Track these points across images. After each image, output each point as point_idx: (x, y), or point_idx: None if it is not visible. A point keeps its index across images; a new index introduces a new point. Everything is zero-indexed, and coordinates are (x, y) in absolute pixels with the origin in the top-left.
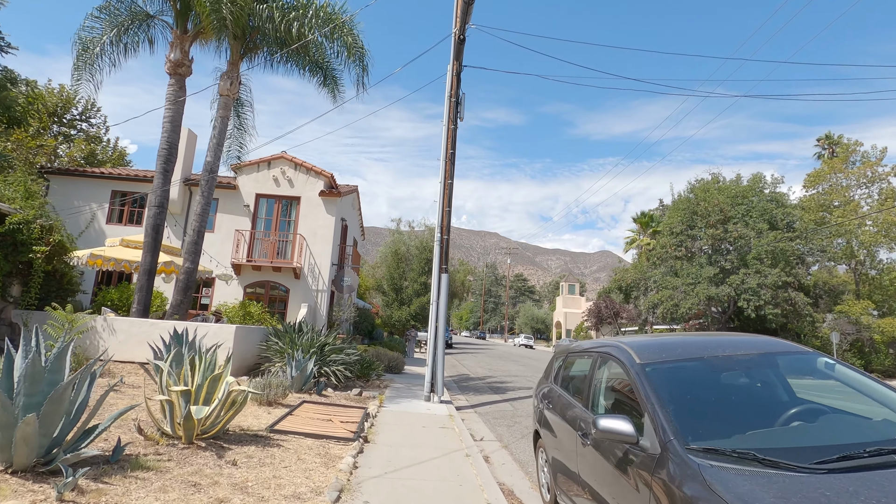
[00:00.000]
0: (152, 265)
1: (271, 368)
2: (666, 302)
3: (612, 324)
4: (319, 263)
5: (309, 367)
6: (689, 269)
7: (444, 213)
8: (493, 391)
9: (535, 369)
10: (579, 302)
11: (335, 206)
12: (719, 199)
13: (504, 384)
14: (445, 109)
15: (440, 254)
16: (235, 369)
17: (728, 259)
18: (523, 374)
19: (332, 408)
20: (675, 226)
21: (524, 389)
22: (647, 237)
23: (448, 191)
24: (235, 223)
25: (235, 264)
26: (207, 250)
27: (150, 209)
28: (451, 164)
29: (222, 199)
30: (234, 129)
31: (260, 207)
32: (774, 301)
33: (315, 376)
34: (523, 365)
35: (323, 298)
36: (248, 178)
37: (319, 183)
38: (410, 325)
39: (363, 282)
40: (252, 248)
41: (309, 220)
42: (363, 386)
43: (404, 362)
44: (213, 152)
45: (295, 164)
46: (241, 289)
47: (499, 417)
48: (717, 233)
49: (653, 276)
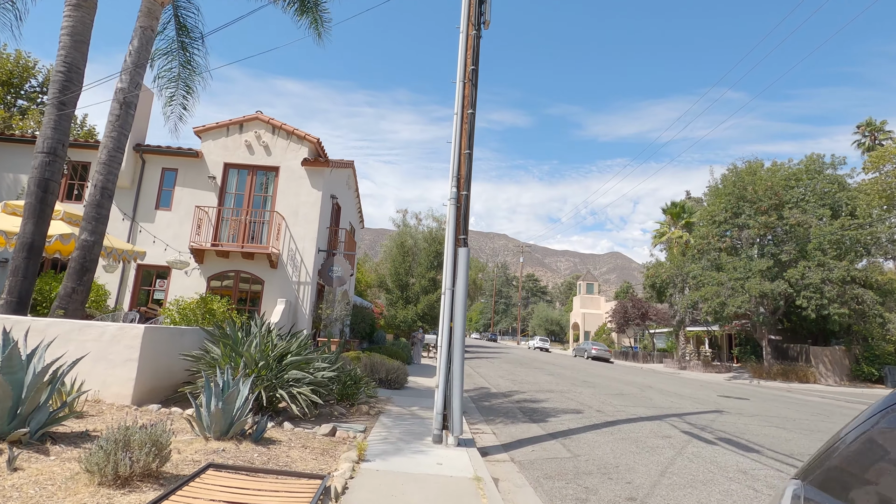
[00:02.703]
0: (36, 237)
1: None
2: (711, 300)
3: (640, 325)
4: (302, 249)
5: (243, 393)
6: (737, 262)
7: (461, 157)
8: (527, 416)
9: (567, 380)
10: (598, 302)
11: (322, 178)
12: (772, 182)
13: (538, 404)
14: (463, 7)
15: (457, 218)
16: (146, 392)
17: (785, 250)
18: (556, 387)
19: (262, 479)
20: (717, 214)
21: (569, 414)
22: (679, 229)
23: (468, 125)
24: (198, 199)
25: (196, 249)
26: (162, 232)
27: (35, 158)
28: (472, 87)
29: (182, 169)
30: (179, 72)
31: (229, 180)
32: (841, 299)
33: (262, 406)
34: (551, 374)
35: (306, 293)
36: (215, 145)
37: (303, 150)
38: (417, 325)
39: (363, 278)
40: (218, 230)
41: (289, 195)
42: (343, 415)
43: (407, 374)
44: (128, 75)
45: (273, 126)
46: (204, 280)
47: (555, 474)
48: (771, 220)
49: (691, 270)
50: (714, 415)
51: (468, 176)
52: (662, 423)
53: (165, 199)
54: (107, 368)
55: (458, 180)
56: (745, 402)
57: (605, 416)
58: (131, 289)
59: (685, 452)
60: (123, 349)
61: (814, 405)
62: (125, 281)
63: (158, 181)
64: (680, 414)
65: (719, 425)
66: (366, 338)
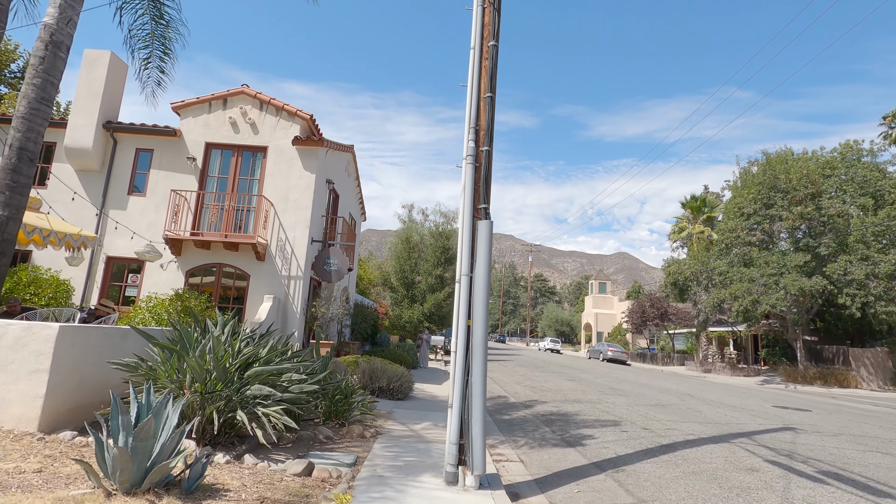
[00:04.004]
0: None
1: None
2: (742, 298)
3: (659, 326)
4: (293, 239)
5: (171, 421)
6: (769, 256)
7: (480, 102)
8: (558, 435)
9: (591, 386)
10: (611, 302)
11: (316, 159)
12: (808, 169)
13: (568, 417)
14: None
15: (475, 181)
16: (63, 414)
17: (823, 243)
18: (584, 396)
19: None
20: (745, 206)
21: (608, 431)
22: (700, 224)
23: (489, 62)
24: (176, 183)
25: (172, 239)
26: (135, 221)
27: None
28: (493, 12)
29: (159, 150)
30: (153, 28)
31: (211, 161)
32: (888, 295)
33: (215, 434)
34: (571, 378)
35: (298, 288)
36: (196, 122)
37: (294, 127)
38: (424, 326)
39: (366, 275)
40: (198, 218)
41: (279, 178)
42: (330, 438)
43: (412, 381)
44: (56, 8)
45: (260, 101)
46: (182, 275)
47: None
48: (808, 210)
49: (717, 266)
50: (788, 433)
51: (489, 126)
52: (734, 447)
53: (140, 184)
54: (6, 383)
55: (477, 132)
56: (810, 415)
57: (656, 435)
58: (100, 284)
59: (793, 498)
60: (29, 356)
61: (886, 417)
62: (93, 276)
63: (132, 163)
64: (746, 433)
65: (805, 449)
66: (368, 339)
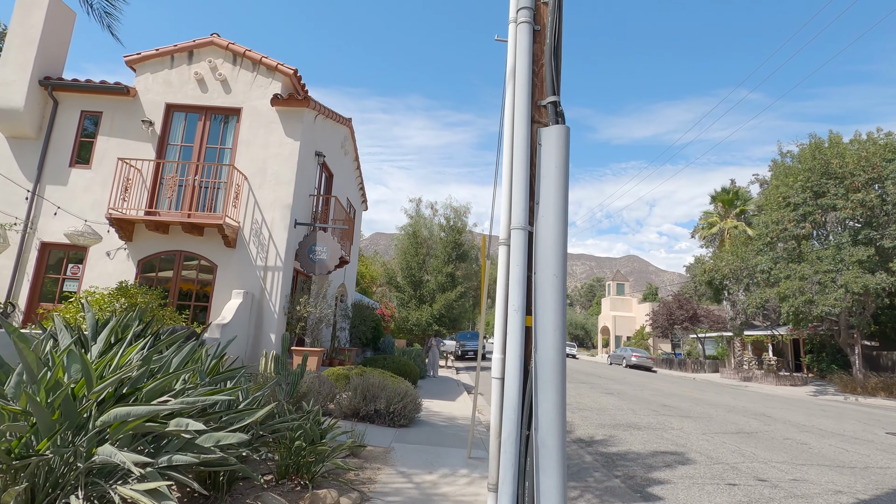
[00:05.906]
0: None
1: None
2: (793, 298)
3: (688, 329)
4: (270, 221)
5: None
6: (822, 251)
7: None
8: (626, 483)
9: (637, 402)
10: (630, 304)
11: (301, 123)
12: (868, 152)
13: (627, 450)
14: None
15: (532, 56)
16: None
17: (888, 234)
18: (635, 418)
19: None
20: (791, 195)
21: (698, 479)
22: (733, 218)
23: None
24: (129, 151)
25: (120, 219)
26: (78, 198)
27: None
28: None
29: (109, 113)
30: None
31: (173, 126)
32: None
33: None
34: (609, 391)
35: (276, 281)
36: (155, 80)
37: (275, 84)
38: (433, 330)
39: (368, 272)
40: (155, 194)
41: (255, 147)
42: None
43: (418, 401)
44: None
45: (234, 53)
46: (134, 265)
47: None
48: (869, 198)
49: (759, 263)
50: None
51: None
52: None
53: (84, 154)
54: None
55: None
56: None
57: (776, 489)
58: (31, 276)
59: None
60: None
61: None
62: (22, 265)
63: (76, 129)
64: None
65: None
66: (369, 344)
